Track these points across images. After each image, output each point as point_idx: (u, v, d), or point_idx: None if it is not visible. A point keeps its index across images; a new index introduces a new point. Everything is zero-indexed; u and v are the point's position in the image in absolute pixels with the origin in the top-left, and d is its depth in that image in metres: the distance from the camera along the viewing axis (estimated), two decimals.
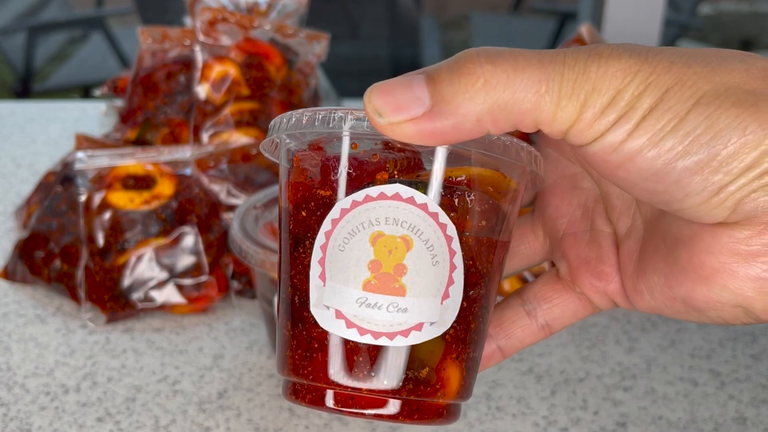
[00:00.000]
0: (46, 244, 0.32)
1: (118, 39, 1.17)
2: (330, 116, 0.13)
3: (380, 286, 0.13)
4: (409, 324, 0.13)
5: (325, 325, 0.13)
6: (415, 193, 0.13)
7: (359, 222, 0.13)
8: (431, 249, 0.13)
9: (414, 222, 0.13)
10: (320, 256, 0.13)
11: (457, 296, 0.13)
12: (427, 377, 0.13)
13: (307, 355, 0.14)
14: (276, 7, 0.37)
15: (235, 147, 0.33)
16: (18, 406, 0.26)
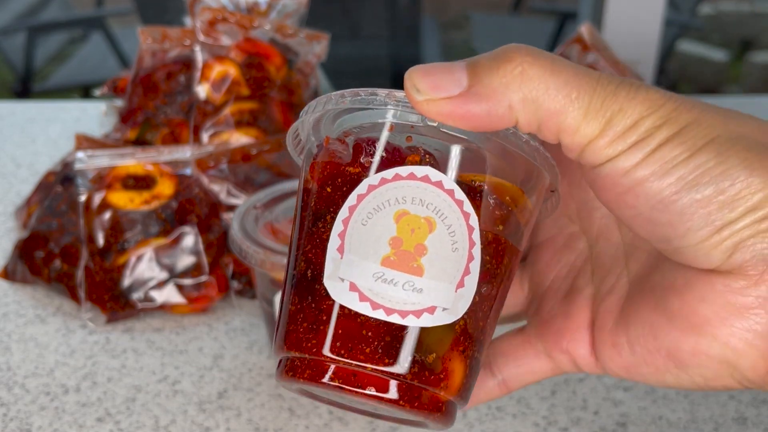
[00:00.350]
0: (46, 244, 0.32)
1: (118, 39, 1.17)
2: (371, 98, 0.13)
3: (399, 263, 0.13)
4: (422, 305, 0.13)
5: (337, 297, 0.13)
6: (444, 178, 0.13)
7: (386, 198, 0.13)
8: (453, 235, 0.13)
9: (439, 205, 0.13)
10: (341, 229, 0.13)
11: (471, 287, 0.13)
12: (433, 364, 0.13)
13: (313, 328, 0.13)
14: (276, 7, 0.37)
15: (235, 147, 0.33)
16: (18, 406, 0.26)
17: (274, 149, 0.33)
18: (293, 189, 0.29)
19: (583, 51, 0.35)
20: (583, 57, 0.35)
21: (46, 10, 1.26)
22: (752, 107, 0.53)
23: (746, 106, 0.53)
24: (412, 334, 0.13)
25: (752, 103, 0.54)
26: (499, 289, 0.14)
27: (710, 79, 1.51)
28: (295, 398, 0.26)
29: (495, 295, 0.14)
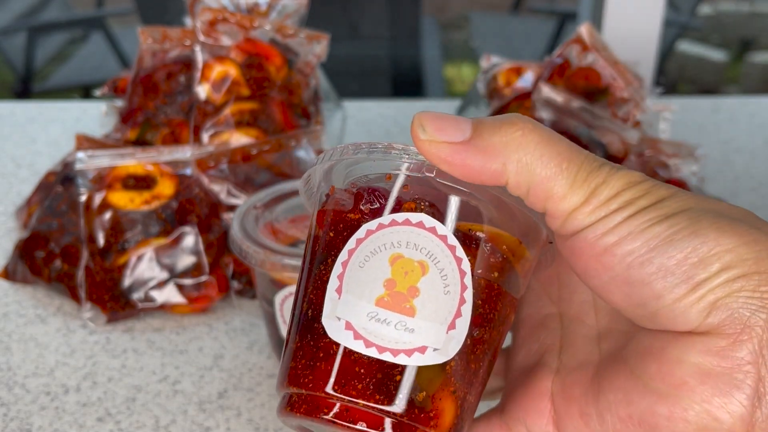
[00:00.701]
0: (46, 244, 0.32)
1: (119, 39, 1.17)
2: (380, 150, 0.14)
3: (392, 304, 0.14)
4: (413, 345, 0.14)
5: (334, 335, 0.14)
6: (437, 225, 0.14)
7: (382, 243, 0.14)
8: (445, 278, 0.14)
9: (432, 250, 0.14)
10: (340, 271, 0.14)
11: (463, 330, 0.14)
12: (423, 402, 0.14)
13: (311, 365, 0.14)
14: (276, 7, 0.37)
15: (235, 147, 0.33)
16: (18, 406, 0.26)
17: (274, 149, 0.33)
18: (293, 189, 0.29)
19: (582, 51, 0.35)
20: (582, 57, 0.35)
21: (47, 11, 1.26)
22: (752, 107, 0.53)
23: (746, 106, 0.53)
24: (403, 372, 0.14)
25: (752, 104, 0.54)
26: (493, 334, 0.15)
27: (710, 79, 1.51)
28: None
29: (488, 340, 0.15)
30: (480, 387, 0.15)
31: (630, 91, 0.34)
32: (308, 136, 0.34)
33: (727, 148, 0.47)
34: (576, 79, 0.35)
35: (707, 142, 0.47)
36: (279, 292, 0.26)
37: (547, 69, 0.35)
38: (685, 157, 0.35)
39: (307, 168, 0.33)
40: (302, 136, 0.33)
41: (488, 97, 0.40)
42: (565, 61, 0.35)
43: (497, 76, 0.39)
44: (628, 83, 0.35)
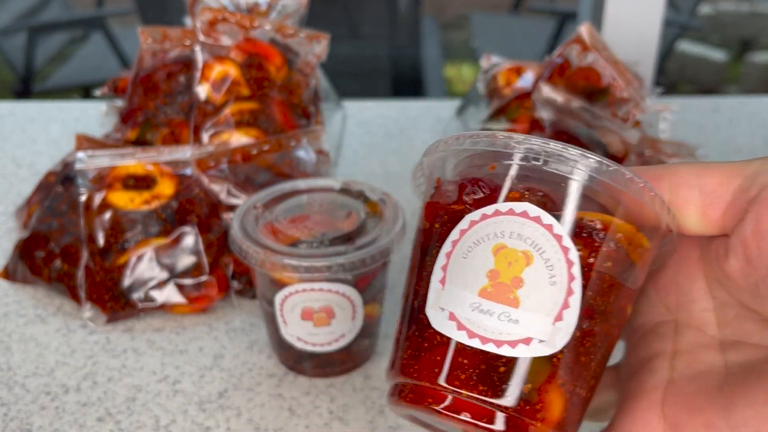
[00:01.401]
0: (46, 244, 0.32)
1: (119, 39, 1.17)
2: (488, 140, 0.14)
3: (495, 294, 0.14)
4: (517, 336, 0.14)
5: (437, 326, 0.14)
6: (542, 214, 0.14)
7: (485, 233, 0.14)
8: (551, 268, 0.14)
9: (537, 240, 0.14)
10: (444, 262, 0.14)
11: (571, 321, 0.14)
12: (528, 395, 0.14)
13: (416, 355, 0.14)
14: (276, 7, 0.37)
15: (235, 147, 0.33)
16: (18, 406, 0.26)
17: (274, 149, 0.33)
18: (293, 189, 0.29)
19: (582, 51, 0.35)
20: (582, 57, 0.35)
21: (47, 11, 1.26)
22: (752, 107, 0.53)
23: (746, 106, 0.53)
24: (507, 363, 0.14)
25: (752, 104, 0.54)
26: (606, 327, 0.14)
27: (710, 79, 1.51)
28: (295, 398, 0.26)
29: (600, 333, 0.14)
30: (592, 381, 0.14)
31: (630, 91, 0.34)
32: (308, 136, 0.34)
33: (727, 148, 0.47)
34: (576, 79, 0.35)
35: (707, 142, 0.47)
36: (279, 292, 0.26)
37: (547, 69, 0.35)
38: (686, 157, 0.35)
39: (306, 168, 0.33)
40: (302, 136, 0.33)
41: (488, 96, 0.40)
42: (565, 61, 0.35)
43: (497, 76, 0.39)
44: (628, 83, 0.35)
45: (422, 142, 0.48)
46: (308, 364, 0.27)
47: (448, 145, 0.15)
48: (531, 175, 0.14)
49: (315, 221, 0.26)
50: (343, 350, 0.27)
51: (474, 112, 0.43)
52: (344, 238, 0.25)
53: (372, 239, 0.25)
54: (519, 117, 0.36)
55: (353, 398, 0.26)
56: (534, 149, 0.14)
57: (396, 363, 0.15)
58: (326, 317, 0.26)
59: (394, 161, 0.45)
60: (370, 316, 0.27)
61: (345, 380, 0.27)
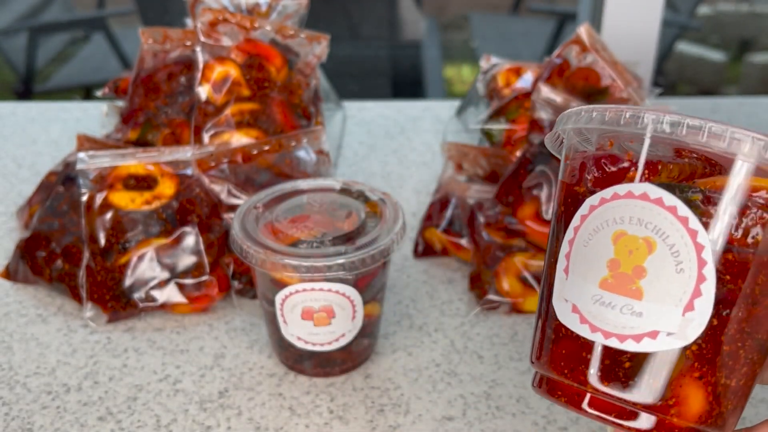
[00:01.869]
0: (47, 244, 0.32)
1: (120, 40, 1.17)
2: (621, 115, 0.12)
3: (616, 286, 0.13)
4: (642, 329, 0.12)
5: (562, 318, 0.14)
6: (664, 194, 0.12)
7: (604, 219, 0.13)
8: (676, 255, 0.12)
9: (659, 224, 0.12)
10: (567, 250, 0.14)
11: (705, 311, 0.12)
12: (660, 390, 0.13)
13: (546, 346, 0.14)
14: (276, 8, 0.37)
15: (235, 147, 0.33)
16: (20, 406, 0.26)
17: (274, 150, 0.33)
18: (293, 189, 0.29)
19: (581, 52, 0.35)
20: (581, 58, 0.35)
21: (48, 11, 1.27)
22: (751, 108, 0.54)
23: (745, 107, 0.53)
24: (632, 358, 0.13)
25: (751, 104, 0.54)
26: (755, 310, 0.13)
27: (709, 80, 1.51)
28: (296, 397, 0.27)
29: (746, 317, 0.13)
30: (745, 368, 0.13)
31: (629, 91, 0.34)
32: (308, 136, 0.34)
33: None
34: (575, 79, 0.35)
35: None
36: (279, 291, 0.26)
37: (547, 69, 0.35)
38: None
39: (307, 168, 0.33)
40: (302, 136, 0.34)
41: (488, 97, 0.40)
42: (564, 61, 0.35)
43: (497, 77, 0.39)
44: (627, 84, 0.35)
45: (422, 142, 0.48)
46: (308, 364, 0.27)
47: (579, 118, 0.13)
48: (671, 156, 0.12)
49: (315, 221, 0.26)
50: (343, 350, 0.27)
51: (473, 113, 0.43)
52: (344, 238, 0.26)
53: (372, 239, 0.25)
54: (518, 117, 0.36)
55: (353, 397, 0.26)
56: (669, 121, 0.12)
57: (533, 350, 0.15)
58: (326, 317, 0.26)
59: (394, 161, 0.45)
60: (370, 315, 0.27)
61: (345, 380, 0.27)
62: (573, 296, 0.13)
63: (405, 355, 0.29)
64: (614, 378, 0.13)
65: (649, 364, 0.13)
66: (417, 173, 0.44)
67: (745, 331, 0.13)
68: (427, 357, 0.29)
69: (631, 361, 0.13)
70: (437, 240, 0.35)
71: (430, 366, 0.28)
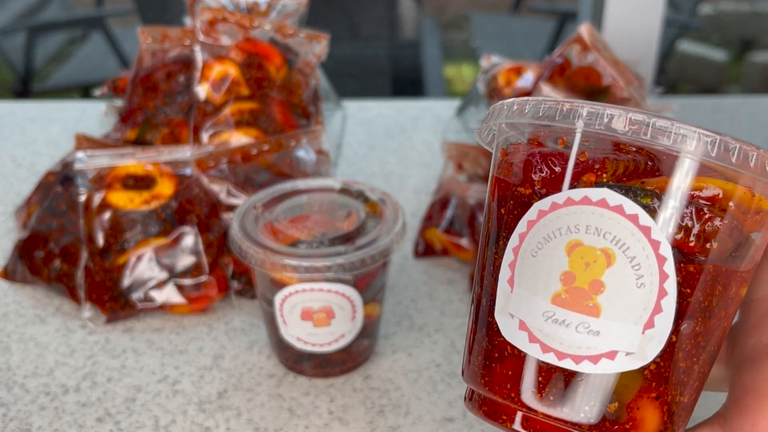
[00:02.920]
0: (45, 244, 0.32)
1: (118, 39, 1.17)
2: (556, 108, 0.11)
3: (571, 302, 0.11)
4: (600, 350, 0.11)
5: (507, 335, 0.12)
6: (624, 201, 0.11)
7: (557, 227, 0.11)
8: (637, 268, 0.11)
9: (620, 234, 0.11)
10: (511, 259, 0.12)
11: (665, 327, 0.11)
12: (615, 414, 0.12)
13: (486, 364, 0.13)
14: (276, 7, 0.37)
15: (235, 147, 0.33)
16: (18, 406, 0.26)
17: (273, 149, 0.33)
18: (293, 189, 0.29)
19: (582, 51, 0.35)
20: (582, 57, 0.35)
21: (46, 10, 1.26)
22: (752, 107, 0.53)
23: (746, 106, 0.53)
24: (588, 381, 0.11)
25: (752, 104, 0.54)
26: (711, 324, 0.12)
27: (710, 79, 1.51)
28: (295, 398, 0.26)
29: (704, 331, 0.12)
30: (697, 383, 0.12)
31: (630, 90, 0.34)
32: (308, 136, 0.34)
33: None
34: (576, 78, 0.35)
35: None
36: (279, 292, 0.25)
37: (548, 69, 0.35)
38: None
39: (306, 168, 0.33)
40: (302, 136, 0.33)
41: (488, 96, 0.40)
42: (565, 60, 0.35)
43: (497, 76, 0.39)
44: (629, 83, 0.34)
45: (422, 142, 0.48)
46: (308, 365, 0.27)
47: (511, 113, 0.12)
48: (611, 152, 0.11)
49: (315, 221, 0.26)
50: (343, 350, 0.27)
51: (474, 112, 0.42)
52: (344, 238, 0.25)
53: (372, 239, 0.25)
54: None
55: (353, 398, 0.26)
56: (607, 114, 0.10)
57: (468, 367, 0.13)
58: (326, 317, 0.26)
59: (393, 161, 0.45)
60: (370, 316, 0.27)
61: (345, 380, 0.27)
62: (520, 312, 0.12)
63: (405, 355, 0.29)
64: (569, 402, 0.12)
65: (606, 386, 0.12)
66: (417, 173, 0.44)
67: (700, 345, 0.12)
68: (428, 357, 0.28)
69: (586, 384, 0.12)
70: (437, 240, 0.35)
71: (430, 367, 0.28)
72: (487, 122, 0.13)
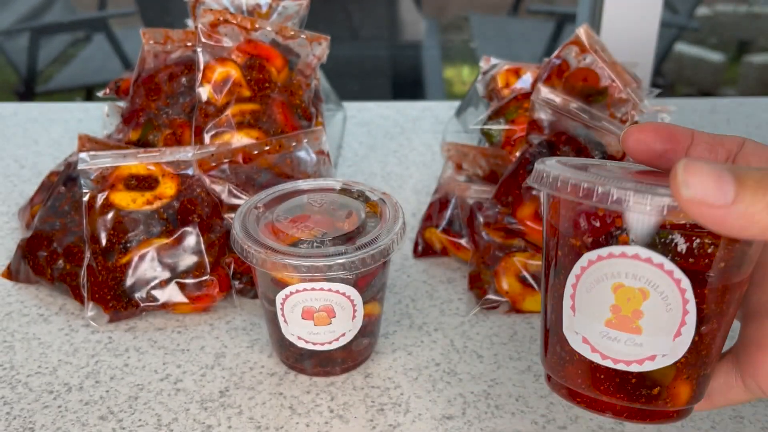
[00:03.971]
0: (49, 244, 0.32)
1: (121, 40, 1.18)
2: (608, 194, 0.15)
3: (619, 325, 0.16)
4: (643, 355, 0.16)
5: (574, 346, 0.17)
6: (653, 255, 0.15)
7: (603, 273, 0.16)
8: (666, 299, 0.16)
9: (651, 278, 0.16)
10: (571, 292, 0.17)
11: (689, 334, 0.16)
12: (658, 394, 0.17)
13: (561, 362, 0.18)
14: (277, 9, 0.38)
15: (236, 148, 0.33)
16: (21, 405, 0.26)
17: (274, 150, 0.33)
18: (294, 189, 0.29)
19: (580, 53, 0.35)
20: (580, 58, 0.35)
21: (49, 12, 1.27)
22: (749, 109, 0.54)
23: (743, 107, 0.53)
24: (637, 376, 0.16)
25: (749, 105, 0.54)
26: (722, 320, 0.17)
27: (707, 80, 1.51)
28: (296, 396, 0.27)
29: (717, 327, 0.16)
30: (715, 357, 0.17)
31: (628, 92, 0.34)
32: (309, 136, 0.34)
33: None
34: (574, 80, 0.35)
35: None
36: (280, 291, 0.26)
37: (546, 70, 0.36)
38: None
39: (307, 168, 0.34)
40: (303, 136, 0.34)
41: (487, 97, 0.40)
42: (563, 62, 0.36)
43: (496, 77, 0.39)
44: (626, 84, 0.35)
45: (422, 142, 0.48)
46: (309, 363, 0.27)
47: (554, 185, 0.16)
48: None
49: (315, 221, 0.26)
50: (344, 349, 0.27)
51: (473, 113, 0.43)
52: (345, 238, 0.26)
53: (372, 239, 0.26)
54: (517, 118, 0.36)
55: (353, 397, 0.27)
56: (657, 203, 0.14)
57: (546, 359, 0.18)
58: (327, 316, 0.26)
59: (394, 161, 0.45)
60: (370, 315, 0.27)
61: (345, 379, 0.27)
62: (582, 330, 0.17)
63: (405, 354, 0.29)
64: (625, 391, 0.17)
65: (650, 378, 0.16)
66: (417, 173, 0.44)
67: (716, 334, 0.17)
68: (427, 356, 0.29)
69: (636, 378, 0.16)
70: (437, 240, 0.35)
71: (429, 365, 0.28)
72: (535, 185, 0.17)
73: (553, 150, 0.32)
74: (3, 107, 0.54)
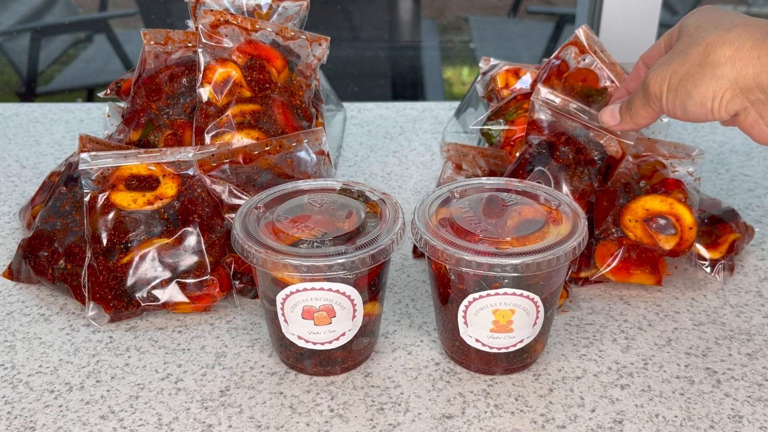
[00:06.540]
0: (50, 244, 0.33)
1: (122, 41, 1.18)
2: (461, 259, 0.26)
3: (499, 330, 0.27)
4: (515, 341, 0.27)
5: (470, 343, 0.27)
6: (515, 290, 0.26)
7: (485, 303, 0.26)
8: (526, 310, 0.26)
9: (516, 302, 0.26)
10: (463, 314, 0.27)
11: (541, 321, 0.27)
12: (526, 356, 0.28)
13: (461, 350, 0.28)
14: (277, 9, 0.38)
15: (237, 148, 0.33)
16: (22, 404, 0.26)
17: (275, 150, 0.33)
18: (294, 189, 0.29)
19: (579, 53, 0.35)
20: (579, 59, 0.35)
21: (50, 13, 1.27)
22: None
23: None
24: (514, 352, 0.28)
25: None
26: (553, 309, 0.28)
27: None
28: (296, 396, 0.27)
29: (552, 311, 0.28)
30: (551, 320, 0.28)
31: None
32: (309, 137, 0.34)
33: (722, 148, 0.47)
34: (573, 80, 0.35)
35: (703, 143, 0.48)
36: (280, 291, 0.26)
37: (545, 71, 0.36)
38: (682, 158, 0.35)
39: (307, 168, 0.34)
40: (303, 137, 0.34)
41: (487, 98, 0.40)
42: (562, 63, 0.36)
43: (496, 78, 0.39)
44: None
45: (421, 143, 0.48)
46: (309, 363, 0.28)
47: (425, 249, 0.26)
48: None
49: (316, 221, 0.27)
50: (344, 348, 0.27)
51: (472, 114, 0.43)
52: (345, 237, 0.26)
53: (372, 239, 0.26)
54: (517, 118, 0.36)
55: (353, 396, 0.27)
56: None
57: (443, 339, 0.29)
58: (327, 316, 0.26)
59: (393, 162, 0.45)
60: (370, 314, 0.27)
61: (345, 378, 0.28)
62: (474, 334, 0.27)
63: (405, 353, 0.29)
64: (506, 361, 0.28)
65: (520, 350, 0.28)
66: (417, 173, 0.44)
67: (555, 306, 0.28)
68: (427, 356, 0.29)
69: (513, 353, 0.28)
70: None
71: (429, 365, 0.28)
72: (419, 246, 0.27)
73: (553, 150, 0.33)
74: (4, 108, 0.54)
